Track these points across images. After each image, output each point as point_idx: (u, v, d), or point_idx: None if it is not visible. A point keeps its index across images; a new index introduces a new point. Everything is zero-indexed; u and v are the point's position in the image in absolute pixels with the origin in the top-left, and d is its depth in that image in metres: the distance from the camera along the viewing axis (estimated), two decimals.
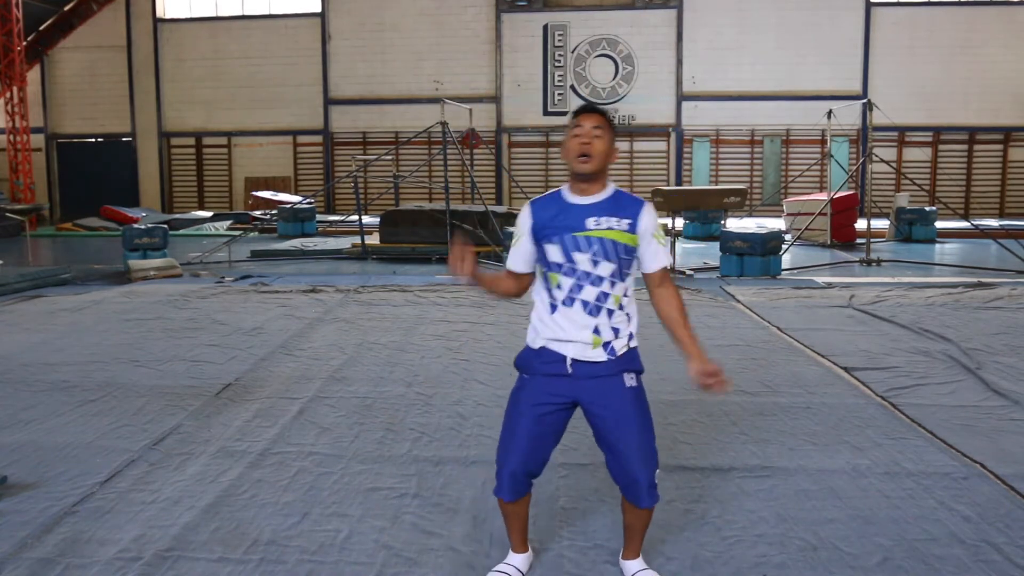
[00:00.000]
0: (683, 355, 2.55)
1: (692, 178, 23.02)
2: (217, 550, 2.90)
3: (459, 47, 23.61)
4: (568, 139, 2.52)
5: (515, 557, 2.74)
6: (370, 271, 11.37)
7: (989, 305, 7.76)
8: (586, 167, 2.48)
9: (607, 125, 2.51)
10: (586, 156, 2.47)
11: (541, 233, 2.53)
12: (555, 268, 2.51)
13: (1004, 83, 22.31)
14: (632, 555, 2.71)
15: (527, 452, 2.54)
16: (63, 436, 4.12)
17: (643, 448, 2.52)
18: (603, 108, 2.58)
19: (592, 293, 2.49)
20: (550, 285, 2.54)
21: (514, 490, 2.57)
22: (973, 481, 3.49)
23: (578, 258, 2.47)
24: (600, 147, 2.48)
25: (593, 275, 2.48)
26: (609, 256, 2.48)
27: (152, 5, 24.52)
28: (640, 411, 2.55)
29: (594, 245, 2.47)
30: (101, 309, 7.82)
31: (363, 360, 5.74)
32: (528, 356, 2.60)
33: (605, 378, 2.52)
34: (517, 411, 2.57)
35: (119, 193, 24.13)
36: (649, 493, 2.54)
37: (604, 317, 2.50)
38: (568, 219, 2.49)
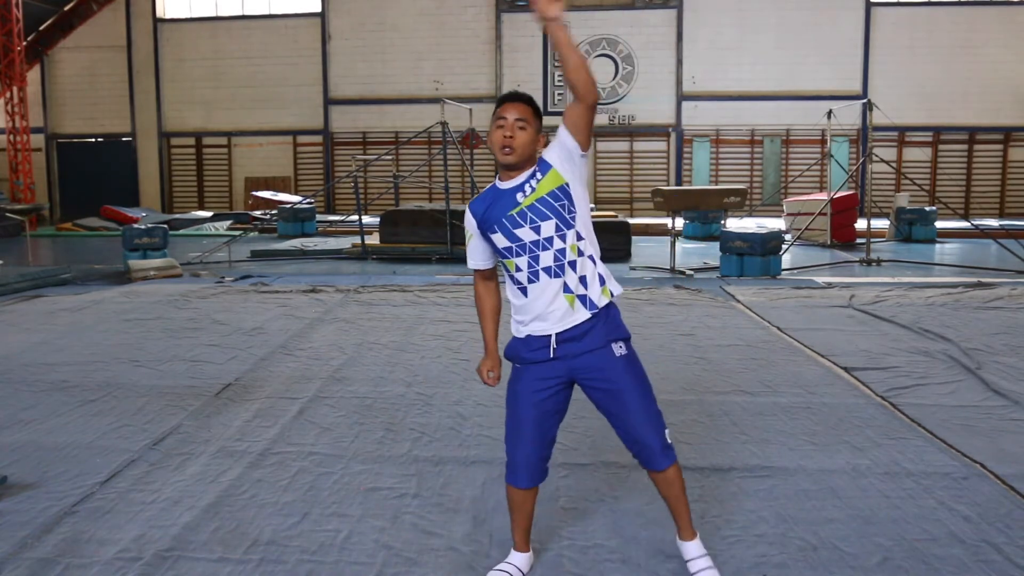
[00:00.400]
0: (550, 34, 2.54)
1: (692, 178, 23.02)
2: (217, 550, 2.90)
3: (459, 47, 23.61)
4: (492, 130, 2.55)
5: (517, 556, 2.73)
6: (370, 271, 11.37)
7: (989, 305, 7.76)
8: (509, 159, 2.51)
9: (532, 115, 2.53)
10: (509, 148, 2.50)
11: (486, 227, 2.58)
12: (507, 254, 2.55)
13: (1004, 83, 22.31)
14: (688, 535, 2.66)
15: (536, 437, 2.58)
16: (63, 436, 4.12)
17: (646, 411, 2.54)
18: (528, 96, 2.59)
19: (549, 257, 2.51)
20: (511, 272, 2.58)
21: (530, 476, 2.60)
22: (973, 481, 3.49)
23: (521, 233, 2.51)
24: (523, 138, 2.50)
25: (540, 240, 2.50)
26: (546, 215, 2.50)
27: (152, 5, 24.52)
28: (635, 377, 2.56)
29: (528, 213, 2.50)
30: (101, 309, 7.82)
31: (363, 360, 5.74)
32: (515, 346, 2.64)
33: (594, 352, 2.54)
34: (517, 401, 2.60)
35: (119, 193, 24.13)
36: (664, 453, 2.55)
37: (569, 272, 2.52)
38: (502, 205, 2.54)
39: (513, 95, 2.58)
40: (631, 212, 22.44)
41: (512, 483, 2.63)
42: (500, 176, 2.60)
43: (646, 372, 2.64)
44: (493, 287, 2.76)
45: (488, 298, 2.76)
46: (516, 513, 2.69)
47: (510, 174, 2.55)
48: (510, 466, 2.62)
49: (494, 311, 2.76)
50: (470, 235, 2.68)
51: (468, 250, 2.72)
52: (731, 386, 5.01)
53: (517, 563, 2.72)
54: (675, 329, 6.73)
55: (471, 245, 2.70)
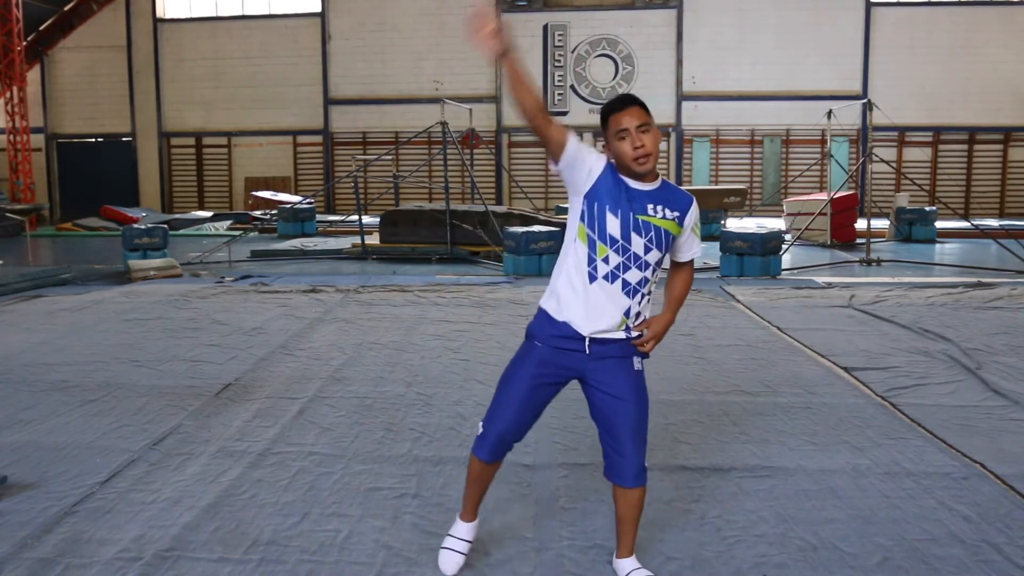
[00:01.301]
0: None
1: (692, 178, 23.02)
2: (217, 550, 2.90)
3: (459, 47, 23.59)
4: (613, 141, 2.46)
5: (463, 527, 2.79)
6: (370, 271, 11.37)
7: (989, 305, 7.76)
8: (647, 167, 2.47)
9: (649, 116, 2.48)
10: (644, 158, 2.45)
11: (602, 196, 2.46)
12: (608, 241, 2.48)
13: (1004, 83, 22.31)
14: (625, 553, 2.70)
15: (518, 417, 2.59)
16: (63, 436, 4.12)
17: (639, 429, 2.57)
18: (637, 97, 2.51)
19: (636, 276, 2.51)
20: (595, 255, 2.49)
21: (496, 451, 2.63)
22: (973, 481, 3.49)
23: (634, 240, 2.48)
24: (652, 142, 2.46)
25: (642, 260, 2.50)
26: (660, 245, 2.51)
27: (152, 5, 24.52)
28: (641, 395, 2.59)
29: (651, 231, 2.49)
30: (101, 309, 7.82)
31: (363, 360, 5.74)
32: (543, 325, 2.58)
33: (616, 359, 2.55)
34: (517, 376, 2.59)
35: (119, 193, 24.14)
36: (638, 475, 2.57)
37: (637, 300, 2.54)
38: (631, 199, 2.48)
39: (624, 100, 2.48)
40: None
41: (477, 454, 2.65)
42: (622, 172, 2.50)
43: None
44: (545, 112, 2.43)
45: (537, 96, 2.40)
46: (474, 483, 2.73)
47: (641, 177, 2.49)
48: (481, 438, 2.64)
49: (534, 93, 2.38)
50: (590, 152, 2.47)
51: (573, 138, 2.45)
52: (731, 386, 5.01)
53: (463, 535, 2.78)
54: (675, 329, 6.70)
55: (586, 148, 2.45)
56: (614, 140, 2.46)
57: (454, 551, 2.75)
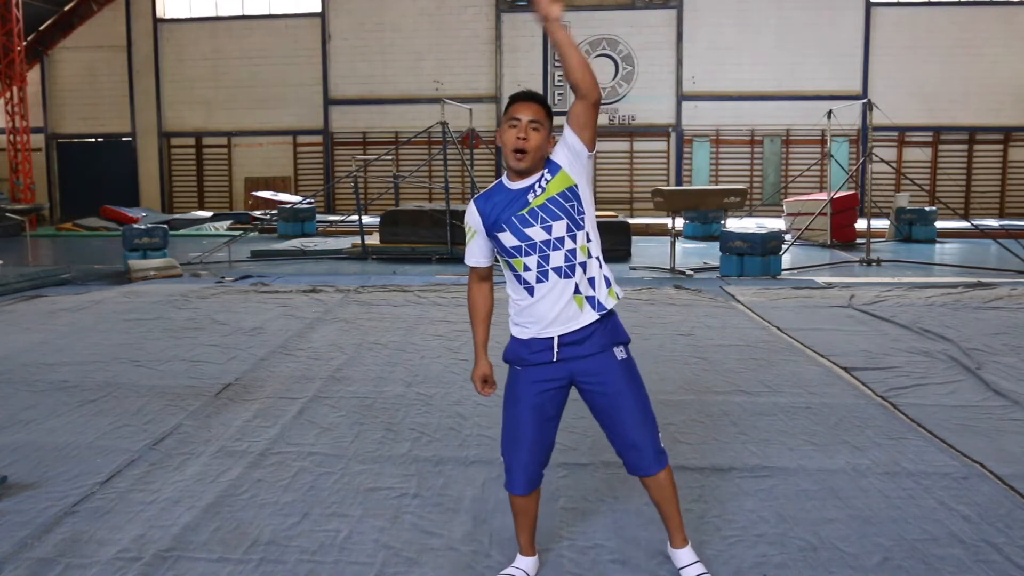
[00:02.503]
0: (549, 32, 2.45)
1: (692, 178, 23.01)
2: (217, 550, 2.90)
3: (459, 47, 23.60)
4: (504, 130, 2.48)
5: (524, 561, 2.72)
6: (370, 271, 11.37)
7: (989, 305, 7.76)
8: (521, 164, 2.46)
9: (545, 116, 2.47)
10: (522, 152, 2.44)
11: (493, 226, 2.52)
12: (516, 253, 2.50)
13: (1004, 83, 22.30)
14: (679, 542, 2.66)
15: (535, 442, 2.56)
16: (63, 436, 4.12)
17: (642, 415, 2.54)
18: (541, 96, 2.52)
19: (559, 257, 2.47)
20: (517, 271, 2.52)
21: (527, 482, 2.58)
22: (973, 481, 3.49)
23: (531, 232, 2.47)
24: (536, 141, 2.45)
25: (551, 240, 2.46)
26: (557, 215, 2.46)
27: (152, 5, 24.51)
28: (634, 382, 2.56)
29: (539, 213, 2.46)
30: (101, 309, 7.82)
31: (363, 360, 5.74)
32: (515, 348, 2.59)
33: (596, 355, 2.52)
34: (516, 404, 2.57)
35: (119, 193, 24.13)
36: (657, 458, 2.55)
37: (579, 273, 2.49)
38: (512, 204, 2.49)
39: (526, 95, 2.50)
40: (631, 212, 22.44)
41: (510, 490, 2.61)
42: (509, 176, 2.54)
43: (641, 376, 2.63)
44: (487, 289, 2.71)
45: (483, 300, 2.69)
46: (520, 517, 2.67)
47: (522, 175, 2.50)
48: (508, 473, 2.60)
49: (487, 314, 2.70)
50: (472, 232, 2.62)
51: (468, 248, 2.66)
52: (731, 386, 5.01)
53: (524, 567, 2.70)
54: (675, 329, 6.72)
55: (473, 243, 2.63)
56: (505, 127, 2.49)
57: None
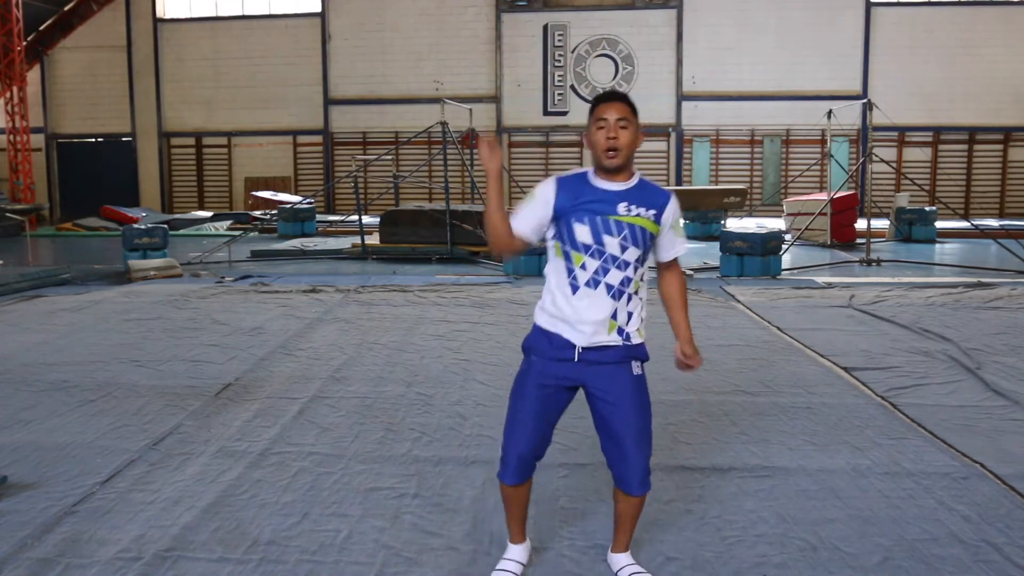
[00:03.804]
0: (674, 332, 2.67)
1: (692, 178, 23.02)
2: (217, 550, 2.90)
3: (459, 47, 23.61)
4: (592, 130, 2.49)
5: (514, 549, 2.74)
6: (370, 271, 11.37)
7: (989, 305, 7.76)
8: (614, 161, 2.46)
9: (632, 114, 2.49)
10: (614, 151, 2.45)
11: (567, 211, 2.49)
12: (581, 249, 2.49)
13: (1004, 83, 22.31)
14: (621, 548, 2.72)
15: (534, 434, 2.57)
16: (63, 436, 4.12)
17: (640, 436, 2.55)
18: (625, 95, 2.53)
19: (617, 277, 2.50)
20: (572, 265, 2.51)
21: (521, 473, 2.60)
22: (973, 481, 3.49)
23: (608, 241, 2.47)
24: (627, 139, 2.46)
25: (620, 259, 2.49)
26: (637, 242, 2.49)
27: (152, 5, 24.52)
28: (643, 399, 2.58)
29: (624, 230, 2.47)
30: (101, 309, 7.82)
31: (363, 360, 5.74)
32: (538, 338, 2.59)
33: (614, 365, 2.54)
34: (524, 395, 2.58)
35: (119, 193, 24.14)
36: (642, 482, 2.57)
37: (624, 301, 2.52)
38: (598, 202, 2.48)
39: (612, 94, 2.51)
40: None
41: (503, 480, 2.63)
42: (597, 173, 2.53)
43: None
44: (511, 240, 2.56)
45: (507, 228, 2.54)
46: (511, 506, 2.69)
47: (612, 175, 2.50)
48: (502, 461, 2.62)
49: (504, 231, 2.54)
50: (535, 200, 2.54)
51: (522, 210, 2.56)
52: (731, 386, 5.01)
53: (516, 556, 2.73)
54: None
55: (529, 208, 2.54)
56: (593, 128, 2.49)
57: (507, 571, 2.70)
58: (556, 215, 2.52)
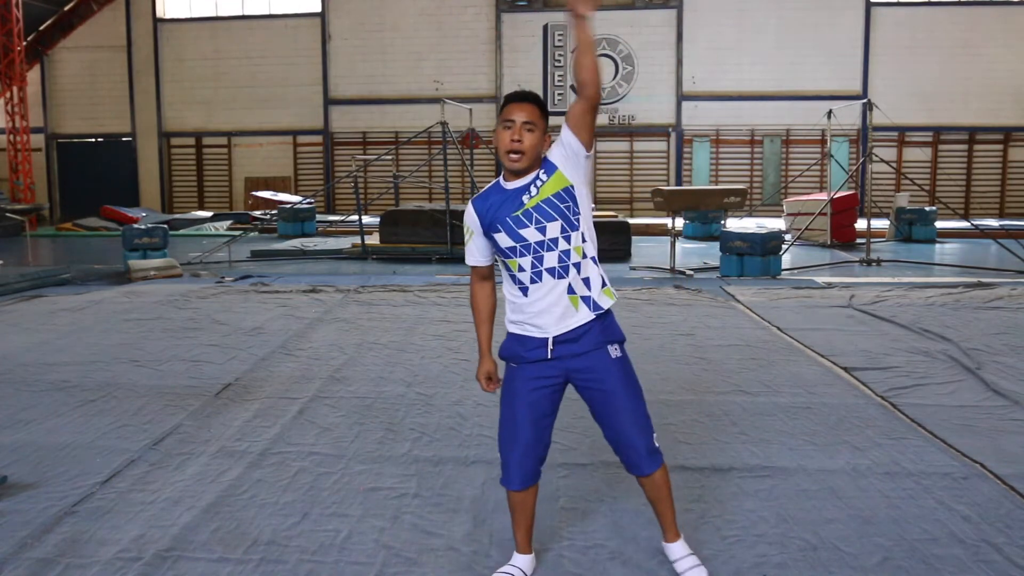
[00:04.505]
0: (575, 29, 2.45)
1: (692, 178, 23.01)
2: (217, 550, 2.90)
3: (459, 47, 23.60)
4: (499, 131, 2.49)
5: (520, 559, 2.72)
6: (370, 271, 11.37)
7: (989, 305, 7.76)
8: (517, 165, 2.47)
9: (539, 116, 2.47)
10: (517, 153, 2.45)
11: (489, 226, 2.54)
12: (510, 254, 2.52)
13: (1004, 83, 22.30)
14: (672, 536, 2.70)
15: (531, 437, 2.57)
16: (63, 436, 4.12)
17: (635, 414, 2.55)
18: (535, 95, 2.51)
19: (553, 258, 2.49)
20: (512, 271, 2.55)
21: (523, 477, 2.59)
22: (973, 481, 3.49)
23: (525, 233, 2.48)
24: (531, 141, 2.45)
25: (545, 240, 2.48)
26: (551, 216, 2.47)
27: (152, 5, 24.51)
28: (628, 380, 2.57)
29: (532, 215, 2.47)
30: (101, 309, 7.82)
31: (363, 360, 5.74)
32: (511, 345, 2.62)
33: (590, 353, 2.54)
34: (513, 400, 2.59)
35: (119, 193, 24.12)
36: (650, 458, 2.56)
37: (573, 273, 2.51)
38: (507, 205, 2.50)
39: (520, 95, 2.51)
40: (631, 212, 22.44)
41: (506, 485, 2.62)
42: (505, 176, 2.56)
43: (637, 376, 2.64)
44: (489, 288, 2.72)
45: (485, 300, 2.72)
46: (517, 513, 2.68)
47: (517, 175, 2.52)
48: (504, 468, 2.62)
49: (490, 314, 2.72)
50: (471, 232, 2.64)
51: (468, 248, 2.68)
52: (731, 386, 5.01)
53: (520, 565, 2.71)
54: (675, 329, 6.72)
55: (472, 243, 2.66)
56: (500, 128, 2.50)
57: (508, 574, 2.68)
58: (486, 233, 2.57)
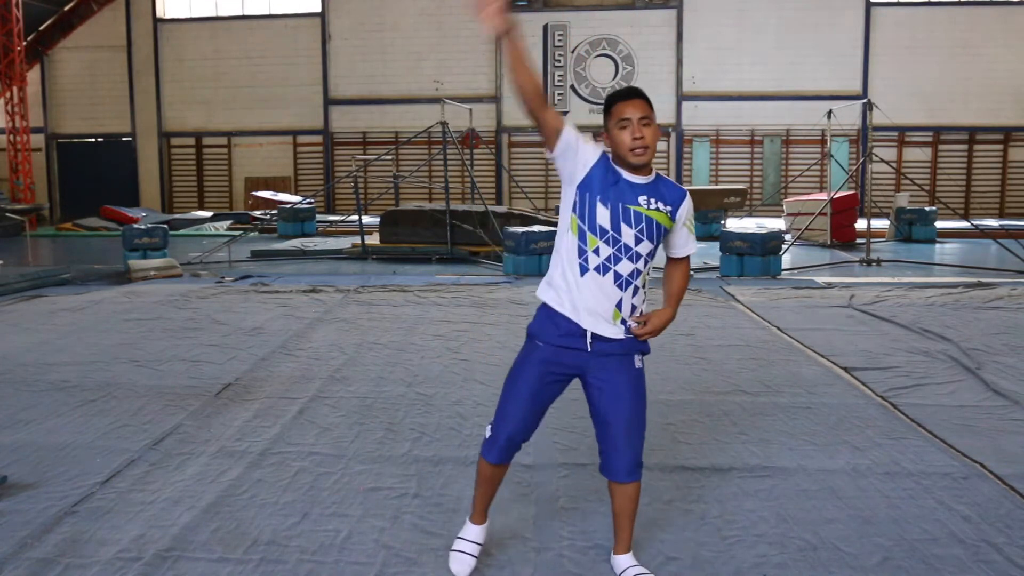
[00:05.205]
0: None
1: (692, 178, 23.02)
2: (217, 550, 2.90)
3: (459, 47, 23.60)
4: (614, 130, 2.50)
5: (473, 529, 2.78)
6: (370, 271, 11.37)
7: (989, 305, 7.76)
8: (644, 158, 2.49)
9: (651, 110, 2.52)
10: (642, 149, 2.47)
11: (594, 187, 2.48)
12: (598, 232, 2.49)
13: (1004, 83, 22.30)
14: (623, 549, 2.72)
15: (527, 418, 2.60)
16: (63, 436, 4.12)
17: (636, 425, 2.58)
18: (642, 91, 2.56)
19: (627, 267, 2.52)
20: (586, 247, 2.51)
21: (507, 453, 2.64)
22: (973, 481, 3.49)
23: (625, 230, 2.49)
24: (652, 136, 2.49)
25: (633, 250, 2.51)
26: (651, 236, 2.52)
27: (152, 5, 24.51)
28: (640, 392, 2.61)
29: (642, 222, 2.49)
30: (101, 309, 7.81)
31: (363, 360, 5.74)
32: (543, 321, 2.60)
33: (618, 356, 2.56)
34: (522, 378, 2.59)
35: (119, 193, 24.12)
36: (634, 470, 2.60)
37: (629, 293, 2.54)
38: (622, 190, 2.50)
39: (629, 92, 2.53)
40: None
41: (486, 457, 2.66)
42: (618, 163, 2.53)
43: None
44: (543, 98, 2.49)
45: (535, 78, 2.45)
46: (484, 484, 2.72)
47: (636, 170, 2.52)
48: (490, 440, 2.64)
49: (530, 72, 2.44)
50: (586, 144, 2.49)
51: (566, 122, 2.49)
52: (731, 386, 5.01)
53: (473, 537, 2.76)
54: (675, 329, 6.71)
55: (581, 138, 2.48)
56: (615, 129, 2.50)
57: (465, 553, 2.74)
58: (583, 182, 2.50)
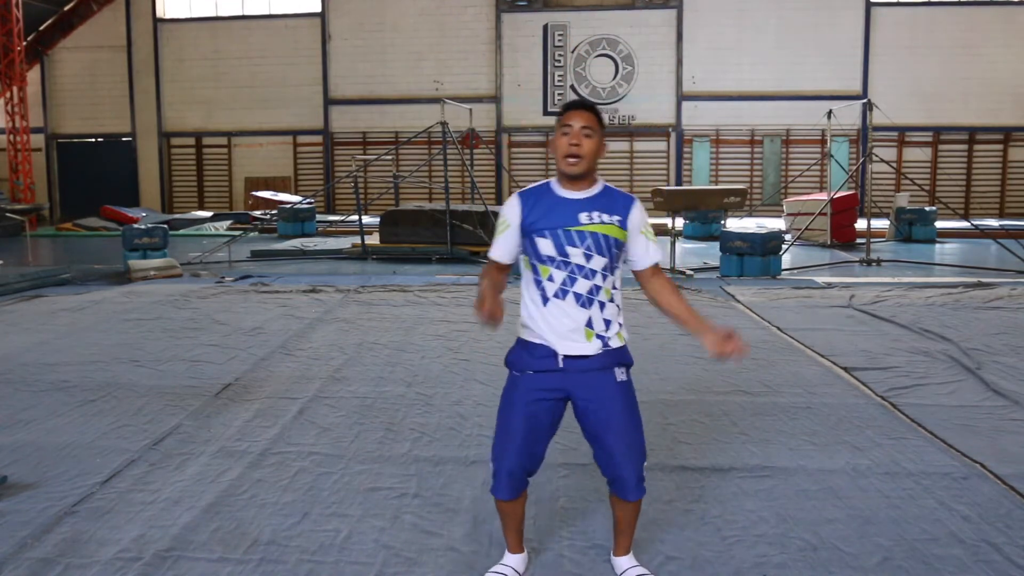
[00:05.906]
0: (693, 334, 2.62)
1: (692, 178, 23.01)
2: (217, 550, 2.90)
3: (459, 47, 23.60)
4: (557, 137, 2.52)
5: (512, 558, 2.74)
6: (370, 271, 11.37)
7: (989, 305, 7.76)
8: (575, 169, 2.48)
9: (597, 123, 2.51)
10: (576, 157, 2.47)
11: (530, 227, 2.52)
12: (547, 261, 2.51)
13: (1004, 83, 22.29)
14: (623, 552, 2.73)
15: (523, 450, 2.55)
16: (63, 436, 4.12)
17: (631, 442, 2.54)
18: (592, 104, 2.56)
19: (585, 286, 2.50)
20: (540, 277, 2.54)
21: (512, 488, 2.59)
22: (973, 481, 3.49)
23: (571, 252, 2.48)
24: (589, 147, 2.48)
25: (586, 268, 2.49)
26: (601, 250, 2.49)
27: (152, 5, 24.50)
28: (629, 405, 2.57)
29: (587, 240, 2.48)
30: (101, 309, 7.82)
31: (363, 360, 5.74)
32: (519, 353, 2.61)
33: (597, 372, 2.53)
34: (511, 410, 2.57)
35: (119, 193, 24.11)
36: (636, 487, 2.56)
37: (596, 309, 2.52)
38: (559, 214, 2.50)
39: (578, 103, 2.54)
40: None
41: (496, 495, 2.62)
42: (560, 182, 2.55)
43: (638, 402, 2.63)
44: (503, 280, 2.66)
45: (498, 281, 2.62)
46: (506, 518, 2.70)
47: (573, 183, 2.52)
48: (494, 477, 2.61)
49: (500, 288, 2.61)
50: (507, 226, 2.57)
51: (496, 240, 2.61)
52: (731, 386, 5.01)
53: (513, 564, 2.72)
54: (675, 329, 6.71)
55: (503, 237, 2.59)
56: (558, 134, 2.52)
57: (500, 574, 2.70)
58: (523, 231, 2.54)
